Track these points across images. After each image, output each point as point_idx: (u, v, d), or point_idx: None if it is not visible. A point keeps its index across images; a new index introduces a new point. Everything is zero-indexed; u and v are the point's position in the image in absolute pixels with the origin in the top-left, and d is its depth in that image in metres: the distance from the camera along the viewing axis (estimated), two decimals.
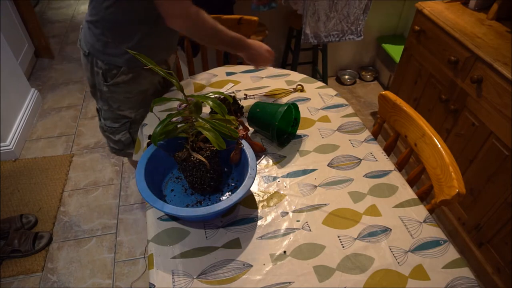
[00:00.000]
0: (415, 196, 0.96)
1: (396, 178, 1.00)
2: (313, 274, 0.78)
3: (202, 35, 1.07)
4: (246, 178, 0.83)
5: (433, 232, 0.87)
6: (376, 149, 1.09)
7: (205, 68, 1.60)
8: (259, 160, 1.05)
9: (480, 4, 1.60)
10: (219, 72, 1.40)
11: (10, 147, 2.03)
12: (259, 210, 0.91)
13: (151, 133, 0.84)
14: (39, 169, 1.99)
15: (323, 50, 2.21)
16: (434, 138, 1.00)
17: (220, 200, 0.92)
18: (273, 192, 0.96)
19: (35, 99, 2.38)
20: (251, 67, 1.43)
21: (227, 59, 2.07)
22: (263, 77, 1.37)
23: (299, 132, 1.14)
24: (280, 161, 1.05)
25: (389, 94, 1.17)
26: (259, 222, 0.88)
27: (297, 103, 1.24)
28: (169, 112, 1.19)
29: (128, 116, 1.27)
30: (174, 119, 0.83)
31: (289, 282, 0.77)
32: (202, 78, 1.38)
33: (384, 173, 1.01)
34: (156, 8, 0.99)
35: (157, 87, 1.30)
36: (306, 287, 0.76)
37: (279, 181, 0.99)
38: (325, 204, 0.93)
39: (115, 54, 1.13)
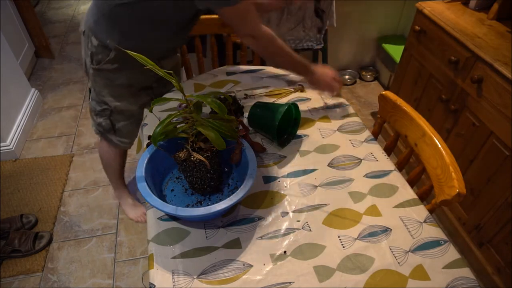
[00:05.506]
0: (415, 196, 0.96)
1: (397, 178, 1.00)
2: (313, 274, 0.78)
3: (269, 54, 1.15)
4: (247, 178, 0.83)
5: (434, 232, 0.87)
6: (376, 149, 1.09)
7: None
8: (260, 160, 1.05)
9: (481, 4, 1.60)
10: (219, 72, 1.40)
11: (10, 147, 2.03)
12: (259, 210, 0.91)
13: (151, 133, 0.84)
14: (39, 169, 1.99)
15: (323, 50, 2.21)
16: (435, 138, 1.00)
17: (220, 200, 0.92)
18: (273, 192, 0.96)
19: (36, 99, 2.38)
20: (251, 67, 1.43)
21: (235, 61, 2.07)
22: (263, 77, 1.37)
23: (299, 132, 1.14)
24: (280, 161, 1.05)
25: (389, 94, 1.17)
26: (259, 222, 0.88)
27: (298, 103, 1.24)
28: (169, 112, 1.19)
29: (108, 103, 1.29)
30: (174, 119, 0.83)
31: (289, 282, 0.77)
32: (202, 78, 1.38)
33: (385, 173, 1.01)
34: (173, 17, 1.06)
35: (148, 86, 1.32)
36: (306, 287, 0.76)
37: (279, 181, 0.99)
38: (326, 204, 0.93)
39: (109, 35, 1.13)
